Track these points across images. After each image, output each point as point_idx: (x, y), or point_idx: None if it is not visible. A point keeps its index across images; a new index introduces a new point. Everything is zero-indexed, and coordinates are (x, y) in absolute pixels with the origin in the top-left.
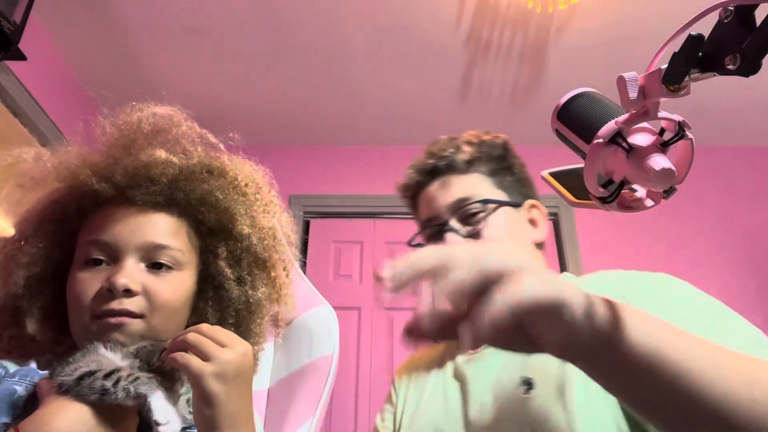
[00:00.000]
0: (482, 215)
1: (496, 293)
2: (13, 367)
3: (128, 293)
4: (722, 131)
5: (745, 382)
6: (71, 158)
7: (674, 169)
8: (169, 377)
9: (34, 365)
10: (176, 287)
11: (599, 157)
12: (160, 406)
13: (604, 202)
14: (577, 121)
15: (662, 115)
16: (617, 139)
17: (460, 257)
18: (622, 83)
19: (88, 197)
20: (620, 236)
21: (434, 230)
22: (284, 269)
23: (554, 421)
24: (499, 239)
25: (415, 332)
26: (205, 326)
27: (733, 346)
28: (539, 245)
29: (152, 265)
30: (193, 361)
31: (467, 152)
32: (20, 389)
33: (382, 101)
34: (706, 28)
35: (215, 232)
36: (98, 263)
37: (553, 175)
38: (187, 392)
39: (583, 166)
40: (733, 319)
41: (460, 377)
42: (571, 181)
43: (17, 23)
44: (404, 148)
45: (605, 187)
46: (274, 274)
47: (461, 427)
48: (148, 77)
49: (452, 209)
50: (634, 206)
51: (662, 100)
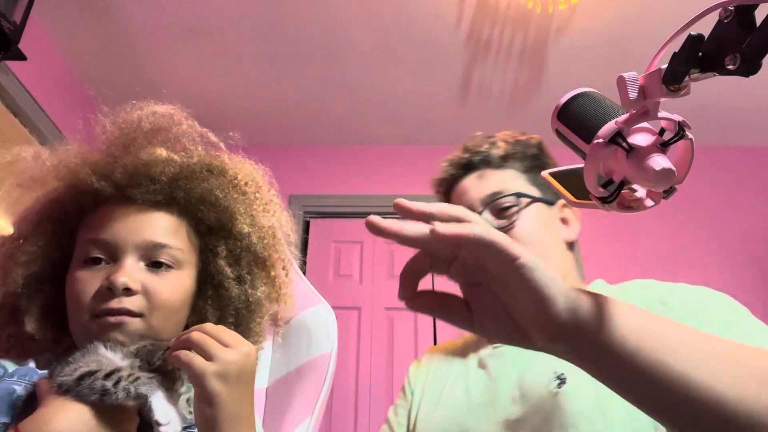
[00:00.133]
0: (515, 209)
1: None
2: (12, 366)
3: (128, 292)
4: (722, 131)
5: (734, 367)
6: (70, 157)
7: (674, 169)
8: (169, 377)
9: (33, 365)
10: (176, 286)
11: (599, 157)
12: (160, 406)
13: (604, 202)
14: (577, 121)
15: (662, 115)
16: (617, 139)
17: (483, 224)
18: (622, 83)
19: (87, 196)
20: (620, 236)
21: None
22: (283, 268)
23: (589, 417)
24: (530, 234)
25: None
26: (209, 325)
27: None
28: (570, 245)
29: (152, 264)
30: (195, 359)
31: (502, 148)
32: (19, 389)
33: (382, 101)
34: (706, 28)
35: (215, 231)
36: (97, 262)
37: (553, 175)
38: (187, 392)
39: (583, 166)
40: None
41: (485, 369)
42: (571, 181)
43: (17, 23)
44: (404, 147)
45: (605, 187)
46: (273, 273)
47: (485, 420)
48: (148, 77)
49: (485, 202)
50: (634, 206)
51: (662, 100)
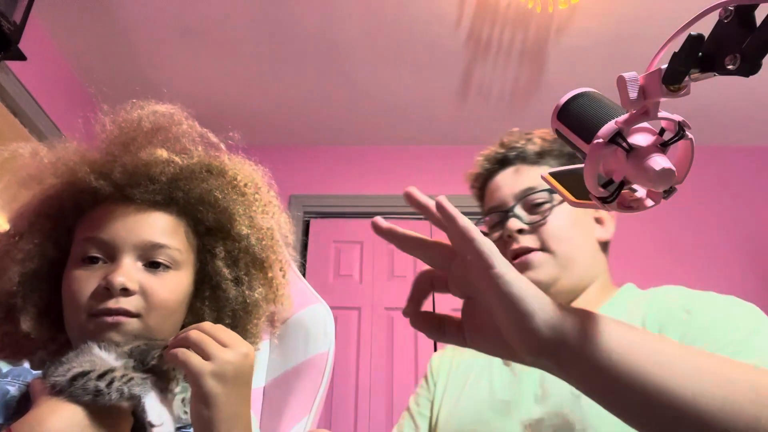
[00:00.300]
0: (547, 206)
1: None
2: (5, 367)
3: (125, 292)
4: (722, 131)
5: (720, 384)
6: (69, 154)
7: (674, 169)
8: (163, 377)
9: (27, 365)
10: (173, 287)
11: (599, 157)
12: (154, 407)
13: (604, 202)
14: (577, 121)
15: (662, 115)
16: (617, 139)
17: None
18: (622, 83)
19: (85, 194)
20: (619, 236)
21: (498, 218)
22: (281, 270)
23: (609, 420)
24: (562, 230)
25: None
26: (207, 324)
27: None
28: (604, 245)
29: (150, 264)
30: (193, 358)
31: (538, 144)
32: (13, 389)
33: (382, 101)
34: (706, 28)
35: (213, 231)
36: (95, 261)
37: (553, 175)
38: (182, 392)
39: (583, 166)
40: None
41: (509, 366)
42: (571, 181)
43: (17, 23)
44: (404, 147)
45: (605, 187)
46: (271, 274)
47: (507, 417)
48: (147, 77)
49: (518, 197)
50: (634, 206)
51: (662, 100)
